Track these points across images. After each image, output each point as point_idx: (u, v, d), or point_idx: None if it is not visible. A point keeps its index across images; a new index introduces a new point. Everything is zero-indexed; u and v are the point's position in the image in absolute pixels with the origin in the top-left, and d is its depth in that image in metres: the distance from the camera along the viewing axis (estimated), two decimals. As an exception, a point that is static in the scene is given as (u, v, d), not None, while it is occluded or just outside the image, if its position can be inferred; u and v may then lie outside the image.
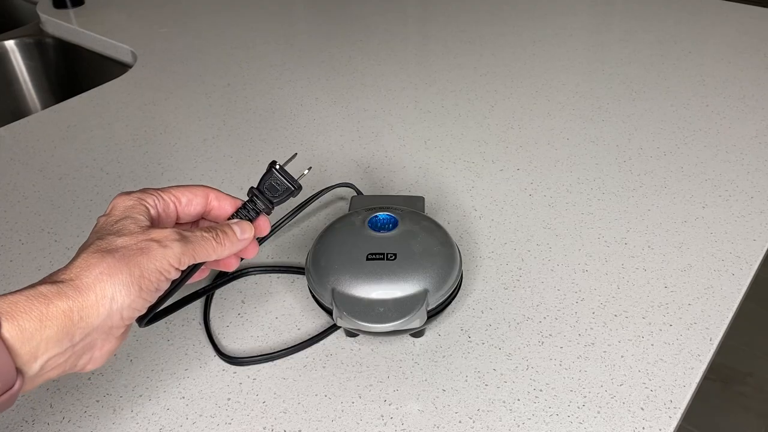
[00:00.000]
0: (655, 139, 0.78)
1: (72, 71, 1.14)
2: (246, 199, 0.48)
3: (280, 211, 0.66)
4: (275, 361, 0.52)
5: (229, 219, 0.46)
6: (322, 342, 0.54)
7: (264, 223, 0.48)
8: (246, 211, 0.47)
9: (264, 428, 0.47)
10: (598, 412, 0.48)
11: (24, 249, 0.64)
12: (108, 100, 0.89)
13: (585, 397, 0.49)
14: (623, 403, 0.49)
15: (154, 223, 0.42)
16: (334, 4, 1.18)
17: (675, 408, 0.48)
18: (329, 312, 0.51)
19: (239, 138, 0.80)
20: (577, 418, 0.48)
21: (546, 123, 0.82)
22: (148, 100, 0.89)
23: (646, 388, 0.50)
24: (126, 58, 1.03)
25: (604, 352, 0.52)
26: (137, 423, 0.48)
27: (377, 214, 0.55)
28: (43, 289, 0.34)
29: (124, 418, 0.48)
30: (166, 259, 0.38)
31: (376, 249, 0.52)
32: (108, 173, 0.75)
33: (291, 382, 0.51)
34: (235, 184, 0.72)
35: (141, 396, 0.50)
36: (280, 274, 0.60)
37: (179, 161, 0.76)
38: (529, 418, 0.48)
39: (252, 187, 0.47)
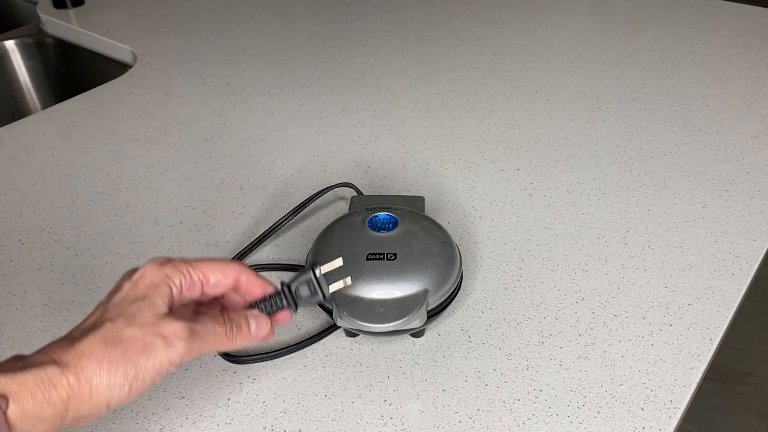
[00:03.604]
0: (655, 139, 0.78)
1: (72, 71, 1.14)
2: (276, 284, 0.45)
3: (280, 211, 0.66)
4: (275, 361, 0.52)
5: (251, 305, 0.45)
6: (322, 342, 0.54)
7: (285, 317, 0.46)
8: (270, 304, 0.44)
9: (264, 428, 0.47)
10: (598, 412, 0.48)
11: (24, 249, 0.64)
12: (108, 100, 0.89)
13: (585, 397, 0.49)
14: (623, 403, 0.49)
15: (174, 302, 0.41)
16: (334, 4, 1.18)
17: (675, 408, 0.48)
18: (329, 312, 0.51)
19: (239, 138, 0.80)
20: (577, 418, 0.48)
21: (546, 123, 0.82)
22: (148, 100, 0.89)
23: (646, 388, 0.50)
24: (126, 58, 1.03)
25: (604, 352, 0.52)
26: (137, 423, 0.48)
27: (377, 214, 0.55)
28: (50, 372, 0.36)
29: (124, 418, 0.48)
30: (167, 358, 0.39)
31: (376, 249, 0.52)
32: (108, 173, 0.75)
33: (291, 382, 0.51)
34: (235, 184, 0.72)
35: (141, 396, 0.50)
36: (279, 274, 0.60)
37: (179, 161, 0.76)
38: (529, 418, 0.48)
39: (283, 282, 0.45)
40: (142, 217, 0.68)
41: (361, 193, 0.67)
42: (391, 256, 0.51)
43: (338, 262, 0.45)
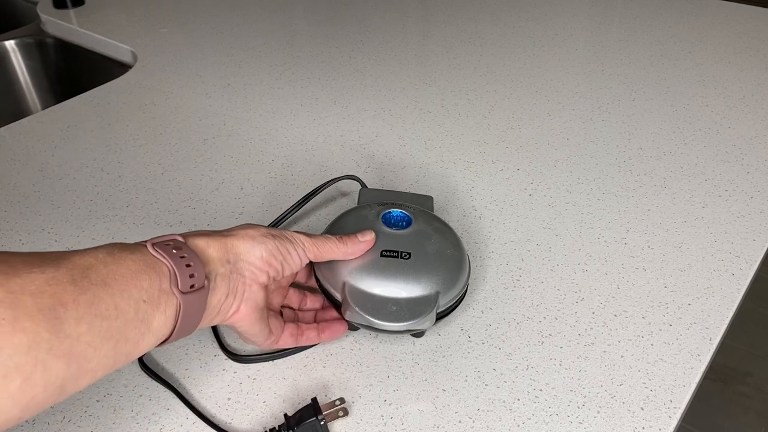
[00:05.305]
0: (655, 139, 0.78)
1: (72, 71, 1.14)
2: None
3: (280, 211, 0.66)
4: (275, 361, 0.52)
5: None
6: (322, 342, 0.54)
7: None
8: None
9: (264, 428, 0.47)
10: (598, 412, 0.48)
11: (24, 249, 0.64)
12: (108, 100, 0.89)
13: (585, 397, 0.49)
14: (623, 402, 0.49)
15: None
16: (335, 4, 1.18)
17: (675, 408, 0.48)
18: (337, 305, 0.51)
19: (239, 138, 0.80)
20: (576, 417, 0.48)
21: (546, 123, 0.82)
22: (148, 100, 0.89)
23: (645, 388, 0.50)
24: (126, 58, 1.03)
25: (604, 351, 0.52)
26: (137, 423, 0.48)
27: (391, 210, 0.55)
28: (207, 231, 0.46)
29: (124, 418, 0.48)
30: (297, 254, 0.48)
31: (391, 246, 0.52)
32: (108, 173, 0.75)
33: (291, 382, 0.51)
34: (235, 184, 0.72)
35: (141, 396, 0.50)
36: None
37: (179, 161, 0.76)
38: (529, 418, 0.48)
39: (286, 416, 0.47)
40: (142, 217, 0.68)
41: (367, 186, 0.66)
42: (405, 255, 0.51)
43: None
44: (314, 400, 0.47)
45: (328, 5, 1.17)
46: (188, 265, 0.41)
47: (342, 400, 0.49)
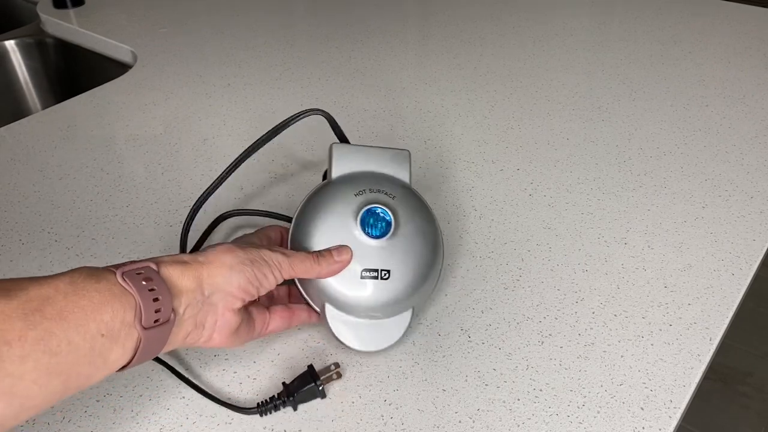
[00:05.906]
0: (655, 139, 0.78)
1: (72, 71, 1.14)
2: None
3: (284, 203, 0.66)
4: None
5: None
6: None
7: None
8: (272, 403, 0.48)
9: (264, 428, 0.47)
10: (598, 412, 0.48)
11: (24, 249, 0.64)
12: (108, 100, 0.89)
13: (585, 397, 0.49)
14: (623, 402, 0.49)
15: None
16: (335, 4, 1.18)
17: (675, 408, 0.48)
18: (318, 313, 0.52)
19: (239, 138, 0.80)
20: (577, 417, 0.48)
21: (546, 123, 0.82)
22: (148, 100, 0.89)
23: (645, 387, 0.50)
24: (126, 58, 1.03)
25: (604, 351, 0.52)
26: (137, 423, 0.48)
27: (371, 207, 0.50)
28: (183, 257, 0.44)
29: (124, 418, 0.48)
30: (272, 274, 0.47)
31: (370, 263, 0.49)
32: (108, 173, 0.75)
33: (291, 382, 0.51)
34: (235, 184, 0.72)
35: (141, 396, 0.50)
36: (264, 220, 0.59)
37: (179, 161, 0.76)
38: (529, 418, 0.48)
39: (285, 384, 0.49)
40: (142, 217, 0.68)
41: (343, 136, 0.61)
42: (384, 274, 0.49)
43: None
44: (310, 366, 0.49)
45: (328, 5, 1.17)
46: (156, 299, 0.40)
47: (337, 365, 0.50)
